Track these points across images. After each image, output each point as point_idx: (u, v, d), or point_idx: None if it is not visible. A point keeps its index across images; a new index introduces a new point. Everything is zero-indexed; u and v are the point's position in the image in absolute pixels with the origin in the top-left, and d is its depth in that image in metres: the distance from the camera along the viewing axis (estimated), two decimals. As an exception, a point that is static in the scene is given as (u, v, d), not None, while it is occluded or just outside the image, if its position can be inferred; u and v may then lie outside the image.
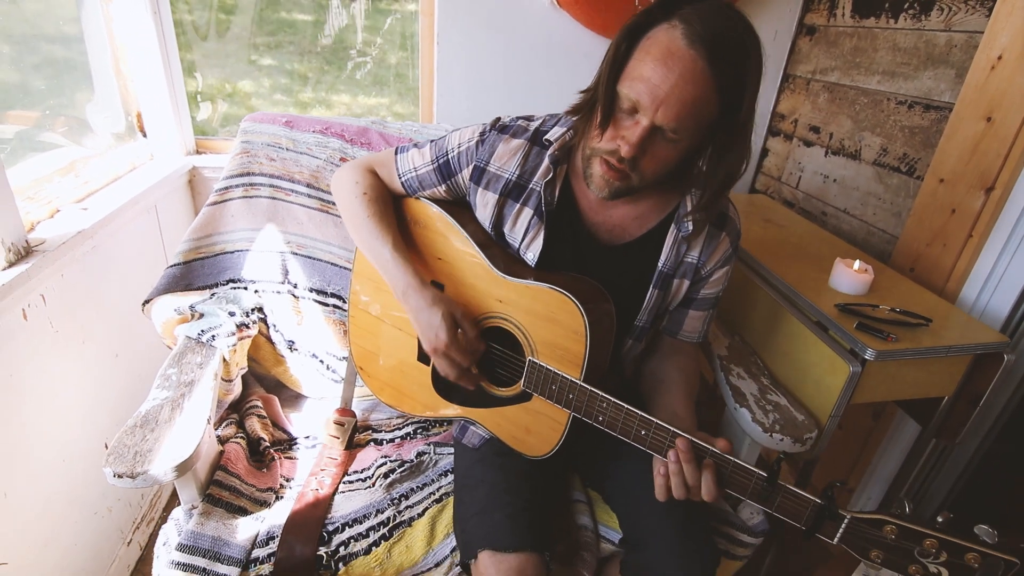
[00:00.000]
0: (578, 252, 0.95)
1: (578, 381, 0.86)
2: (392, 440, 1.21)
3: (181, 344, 1.10)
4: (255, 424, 1.17)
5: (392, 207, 1.04)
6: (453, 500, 1.02)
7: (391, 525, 0.99)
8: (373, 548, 0.95)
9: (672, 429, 0.79)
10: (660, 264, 0.93)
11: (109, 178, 1.43)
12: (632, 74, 0.75)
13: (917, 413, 1.26)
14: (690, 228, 0.90)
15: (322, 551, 0.94)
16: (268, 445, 1.14)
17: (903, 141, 1.44)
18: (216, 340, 1.11)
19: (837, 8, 1.65)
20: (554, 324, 0.89)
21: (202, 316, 1.15)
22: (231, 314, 1.18)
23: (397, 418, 1.28)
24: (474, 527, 0.89)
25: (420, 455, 1.15)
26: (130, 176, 1.50)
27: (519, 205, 0.95)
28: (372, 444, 1.20)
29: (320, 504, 1.02)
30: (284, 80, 1.82)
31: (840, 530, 0.71)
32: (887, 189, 1.49)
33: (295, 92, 1.84)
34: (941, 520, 0.67)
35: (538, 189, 0.93)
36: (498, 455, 1.00)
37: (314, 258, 1.28)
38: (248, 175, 1.30)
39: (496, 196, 0.96)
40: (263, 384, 1.33)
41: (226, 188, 1.29)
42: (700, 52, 0.70)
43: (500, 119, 0.97)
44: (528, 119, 0.96)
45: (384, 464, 1.12)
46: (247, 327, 1.19)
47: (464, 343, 0.91)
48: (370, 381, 1.15)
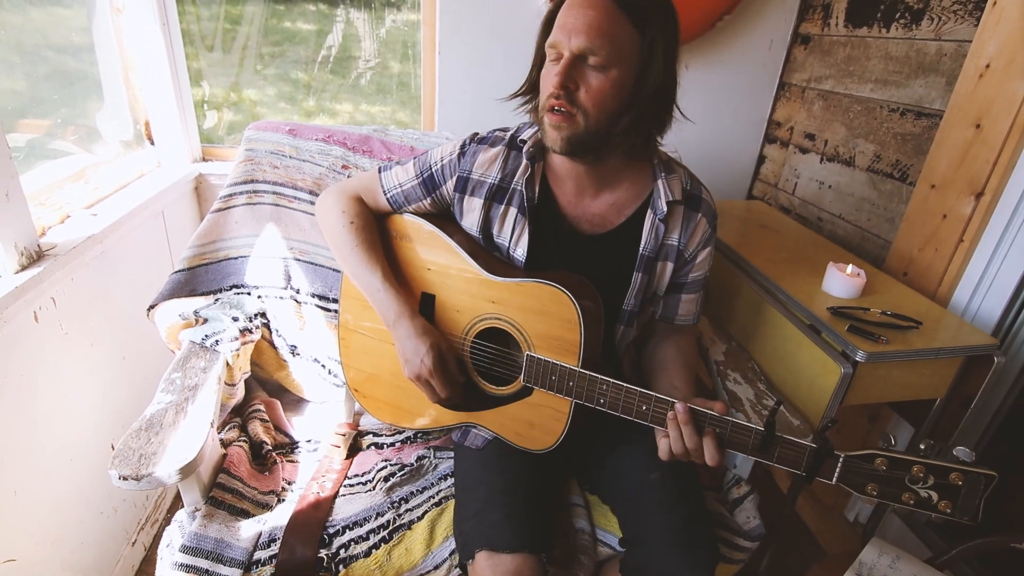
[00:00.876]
0: (562, 244, 0.99)
1: (577, 368, 0.89)
2: (393, 444, 1.22)
3: (185, 349, 1.12)
4: (258, 428, 1.18)
5: (378, 235, 1.06)
6: (453, 502, 1.03)
7: (391, 528, 1.00)
8: (373, 551, 0.97)
9: (670, 399, 0.82)
10: (642, 248, 0.97)
11: (118, 185, 1.47)
12: (554, 28, 0.83)
13: (910, 415, 1.28)
14: (664, 209, 0.95)
15: (323, 553, 0.95)
16: (270, 449, 1.16)
17: (896, 148, 1.46)
18: (220, 345, 1.13)
19: (831, 18, 1.68)
20: (547, 316, 0.92)
21: (206, 321, 1.17)
22: (234, 319, 1.19)
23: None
24: (472, 528, 0.91)
25: (420, 459, 1.16)
26: (138, 183, 1.53)
27: (504, 206, 0.99)
28: (373, 448, 1.21)
29: (321, 507, 1.03)
30: (288, 89, 1.85)
31: (837, 470, 0.76)
32: (881, 195, 1.51)
33: (299, 100, 1.88)
34: (924, 447, 0.73)
35: (520, 188, 0.98)
36: (498, 457, 1.02)
37: (316, 264, 1.31)
38: (252, 182, 1.32)
39: (481, 201, 1.00)
40: (266, 388, 1.35)
41: (230, 195, 1.32)
42: None
43: (477, 133, 1.03)
44: (504, 130, 1.02)
45: (384, 468, 1.13)
46: (250, 332, 1.21)
47: (448, 374, 0.96)
48: (367, 402, 1.16)
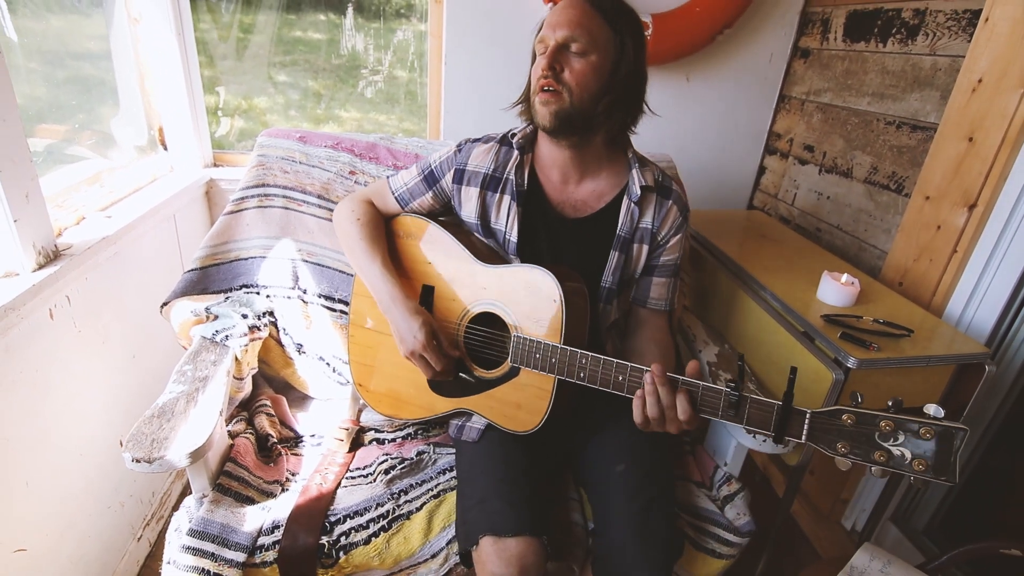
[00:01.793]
0: (550, 227, 1.09)
1: (558, 344, 0.94)
2: (394, 440, 1.25)
3: (196, 343, 1.16)
4: (264, 422, 1.22)
5: (383, 231, 1.17)
6: (455, 495, 1.06)
7: (390, 518, 1.03)
8: (372, 539, 1.00)
9: (644, 368, 0.87)
10: (618, 229, 1.07)
11: (132, 188, 1.51)
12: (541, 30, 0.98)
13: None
14: (638, 193, 1.06)
15: (324, 540, 0.98)
16: (276, 441, 1.19)
17: (892, 160, 1.49)
18: (229, 340, 1.17)
19: (829, 32, 1.72)
20: (533, 296, 1.00)
21: (217, 318, 1.21)
22: (244, 316, 1.23)
23: (399, 420, 1.33)
24: (475, 516, 0.94)
25: (420, 454, 1.19)
26: (151, 187, 1.58)
27: (498, 195, 1.10)
28: (375, 443, 1.24)
29: (323, 497, 1.06)
30: (298, 96, 1.90)
31: (804, 427, 0.77)
32: (877, 206, 1.53)
33: (309, 108, 1.93)
34: (891, 404, 0.73)
35: (511, 177, 1.09)
36: (497, 448, 1.06)
37: (323, 265, 1.35)
38: (263, 186, 1.37)
39: (477, 189, 1.11)
40: (272, 385, 1.38)
41: (242, 198, 1.36)
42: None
43: (471, 137, 1.17)
44: (496, 133, 1.16)
45: (385, 461, 1.16)
46: (258, 329, 1.25)
47: (438, 348, 1.03)
48: (368, 395, 1.21)
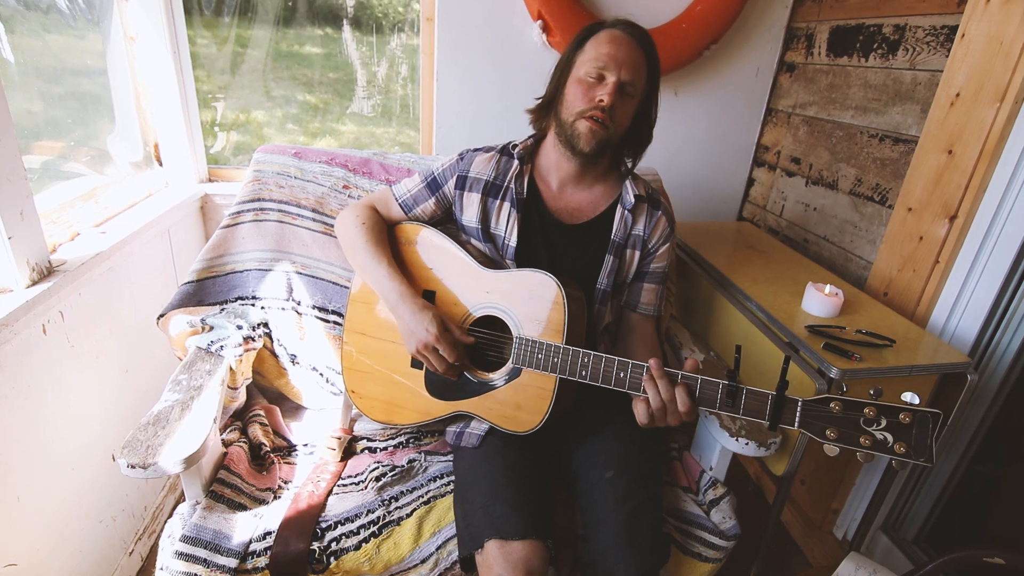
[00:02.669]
0: (547, 232, 1.15)
1: (561, 344, 0.97)
2: (386, 448, 1.26)
3: (192, 353, 1.17)
4: (257, 431, 1.23)
5: (387, 235, 1.20)
6: (456, 499, 1.07)
7: (381, 524, 1.04)
8: (363, 544, 1.01)
9: (642, 364, 0.92)
10: (613, 235, 1.13)
11: (126, 204, 1.53)
12: (593, 55, 1.03)
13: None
14: (631, 202, 1.13)
15: (315, 546, 0.99)
16: (269, 450, 1.20)
17: (875, 172, 1.51)
18: (224, 350, 1.18)
19: (814, 47, 1.75)
20: (535, 299, 1.04)
21: (212, 329, 1.23)
22: (239, 327, 1.25)
23: (391, 428, 1.34)
24: (479, 519, 0.95)
25: (411, 462, 1.20)
26: (146, 202, 1.59)
27: (498, 201, 1.16)
28: (367, 452, 1.25)
29: (315, 504, 1.07)
30: (295, 110, 1.93)
31: (797, 415, 0.82)
32: (862, 217, 1.55)
33: (305, 122, 1.95)
34: (873, 392, 0.79)
35: (511, 185, 1.15)
36: (496, 453, 1.07)
37: (317, 277, 1.36)
38: (259, 200, 1.39)
39: (479, 195, 1.16)
40: (266, 396, 1.40)
41: (238, 212, 1.38)
42: (635, 38, 1.04)
43: (471, 147, 1.22)
44: (495, 144, 1.21)
45: (376, 469, 1.17)
46: (253, 340, 1.27)
47: (451, 339, 1.06)
48: (361, 401, 1.21)
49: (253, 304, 1.34)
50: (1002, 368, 1.26)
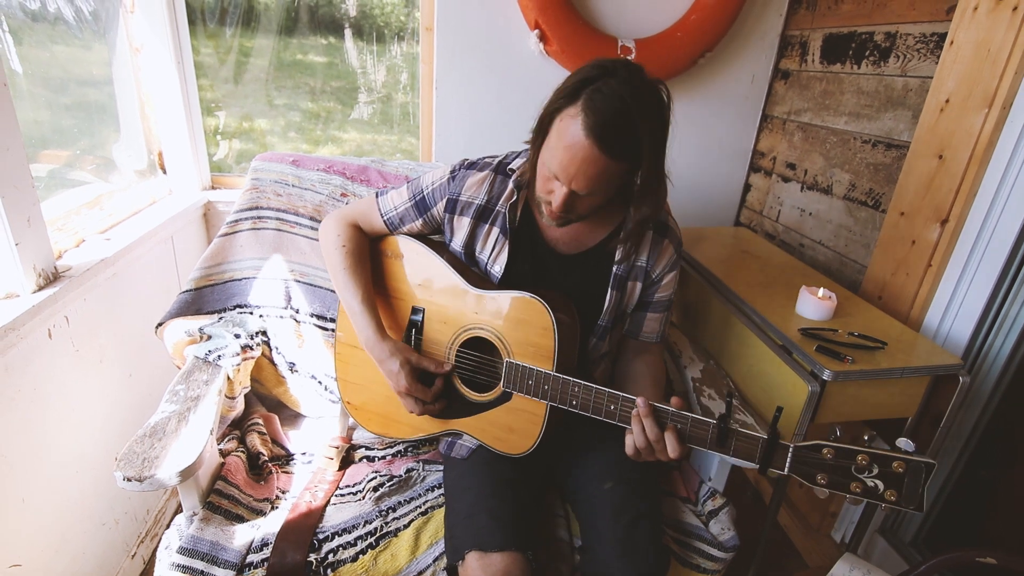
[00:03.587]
0: (540, 263, 1.08)
1: (551, 372, 0.96)
2: (384, 458, 1.27)
3: (189, 363, 1.18)
4: (255, 440, 1.24)
5: (368, 259, 1.15)
6: (440, 512, 1.08)
7: (378, 535, 1.05)
8: (360, 556, 1.01)
9: (633, 398, 0.89)
10: (615, 268, 1.05)
11: (131, 211, 1.56)
12: (551, 147, 0.90)
13: (887, 435, 1.31)
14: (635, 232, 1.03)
15: (312, 557, 0.99)
16: (266, 460, 1.21)
17: (869, 177, 1.53)
18: (222, 360, 1.19)
19: (808, 55, 1.77)
20: (525, 325, 1.00)
21: (210, 338, 1.24)
22: (237, 336, 1.26)
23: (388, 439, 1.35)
24: (462, 531, 0.96)
25: (409, 471, 1.21)
26: (150, 209, 1.62)
27: (488, 226, 1.09)
28: (365, 461, 1.26)
29: (312, 514, 1.08)
30: (297, 118, 1.96)
31: (788, 460, 0.81)
32: (857, 222, 1.57)
33: (307, 130, 1.98)
34: (867, 438, 0.78)
35: (503, 211, 1.07)
36: (485, 464, 1.07)
37: (315, 285, 1.38)
38: (257, 209, 1.41)
39: (469, 219, 1.09)
40: (264, 403, 1.41)
41: (236, 221, 1.40)
42: (593, 140, 0.84)
43: (467, 159, 1.12)
44: (492, 157, 1.11)
45: (374, 479, 1.18)
46: (251, 349, 1.28)
47: (420, 388, 1.05)
48: (357, 414, 1.22)
49: (251, 312, 1.35)
50: (995, 370, 1.27)
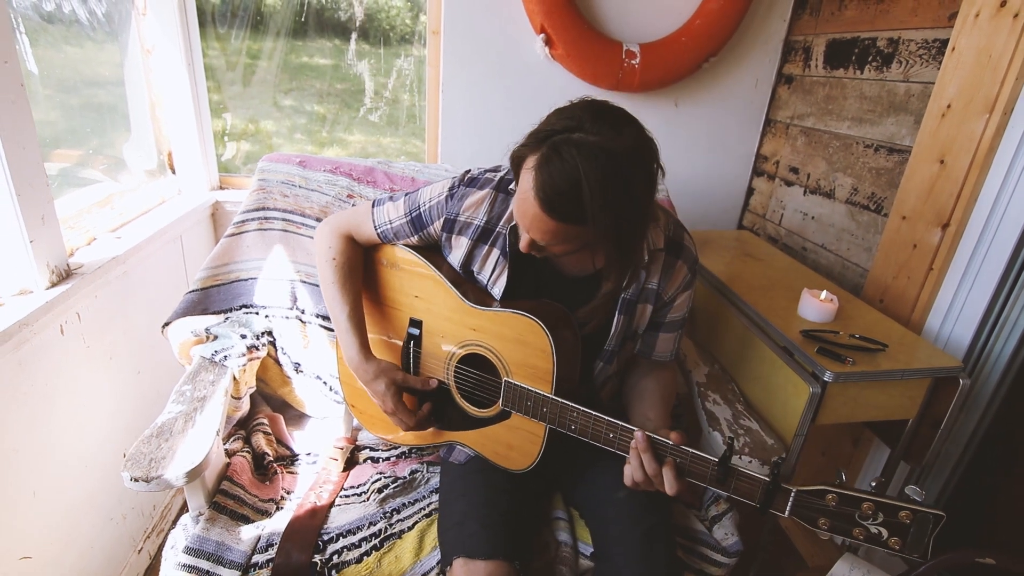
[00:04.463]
0: (542, 285, 1.03)
1: (550, 395, 0.94)
2: (388, 459, 1.27)
3: (196, 363, 1.19)
4: (260, 440, 1.25)
5: (359, 274, 1.13)
6: (437, 514, 1.08)
7: (382, 536, 1.05)
8: (364, 557, 1.01)
9: (632, 428, 0.87)
10: (624, 292, 1.00)
11: (141, 210, 1.58)
12: (517, 190, 0.86)
13: (887, 437, 1.32)
14: (645, 258, 0.98)
15: (317, 559, 1.00)
16: (272, 460, 1.22)
17: (871, 181, 1.54)
18: (228, 360, 1.21)
19: (811, 60, 1.78)
20: (523, 345, 0.97)
21: (216, 338, 1.25)
22: (243, 336, 1.28)
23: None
24: (451, 537, 0.96)
25: (413, 473, 1.21)
26: (159, 209, 1.64)
27: (487, 247, 1.04)
28: (369, 462, 1.27)
29: (317, 515, 1.09)
30: (304, 120, 1.98)
31: (789, 504, 0.79)
32: (859, 226, 1.58)
33: (314, 132, 2.00)
34: (874, 485, 0.75)
35: (504, 232, 1.02)
36: (480, 471, 1.07)
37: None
38: (263, 209, 1.42)
39: (468, 240, 1.05)
40: (270, 404, 1.42)
41: (243, 221, 1.41)
42: (540, 203, 0.80)
43: (469, 171, 1.07)
44: (495, 170, 1.06)
45: (379, 480, 1.19)
46: (257, 349, 1.29)
47: (405, 410, 1.06)
48: (362, 416, 1.22)
49: (257, 313, 1.35)
50: (996, 373, 1.28)
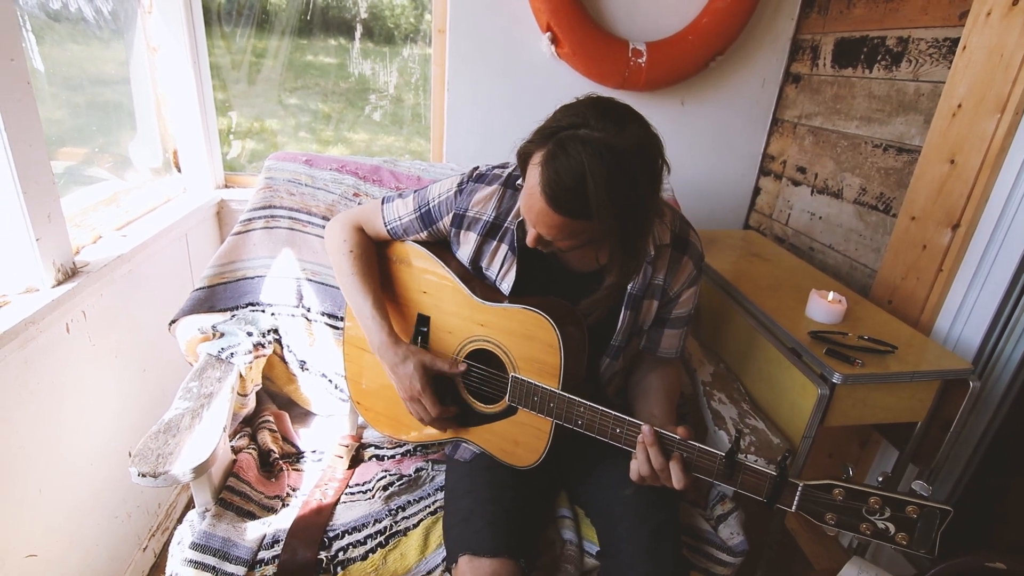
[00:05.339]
0: (551, 280, 1.04)
1: (557, 390, 0.94)
2: (393, 457, 1.27)
3: (202, 360, 1.20)
4: (266, 437, 1.25)
5: (376, 264, 1.14)
6: (443, 512, 1.08)
7: (388, 534, 1.05)
8: (370, 555, 1.02)
9: (639, 423, 0.87)
10: (630, 287, 1.00)
11: (146, 209, 1.58)
12: (524, 186, 0.86)
13: (895, 439, 1.31)
14: (652, 253, 0.99)
15: (322, 555, 1.00)
16: (277, 457, 1.22)
17: (879, 181, 1.53)
18: (234, 357, 1.21)
19: (819, 58, 1.77)
20: (531, 340, 0.98)
21: (222, 335, 1.25)
22: (249, 334, 1.28)
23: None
24: (457, 534, 0.96)
25: (418, 471, 1.21)
26: (165, 207, 1.64)
27: (495, 242, 1.05)
28: (374, 460, 1.27)
29: (323, 512, 1.09)
30: (308, 119, 1.98)
31: (796, 498, 0.79)
32: (867, 226, 1.57)
33: (318, 130, 2.00)
34: (881, 479, 0.75)
35: (512, 228, 1.03)
36: (486, 468, 1.07)
37: (327, 284, 1.39)
38: (270, 208, 1.42)
39: (476, 236, 1.05)
40: (275, 401, 1.42)
41: (249, 219, 1.41)
42: (546, 198, 0.81)
43: (477, 168, 1.08)
44: (503, 166, 1.07)
45: (384, 478, 1.19)
46: (263, 347, 1.29)
47: (432, 396, 1.02)
48: (368, 414, 1.23)
49: (263, 310, 1.36)
50: (1006, 376, 1.27)
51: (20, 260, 1.06)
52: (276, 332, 1.36)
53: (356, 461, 1.25)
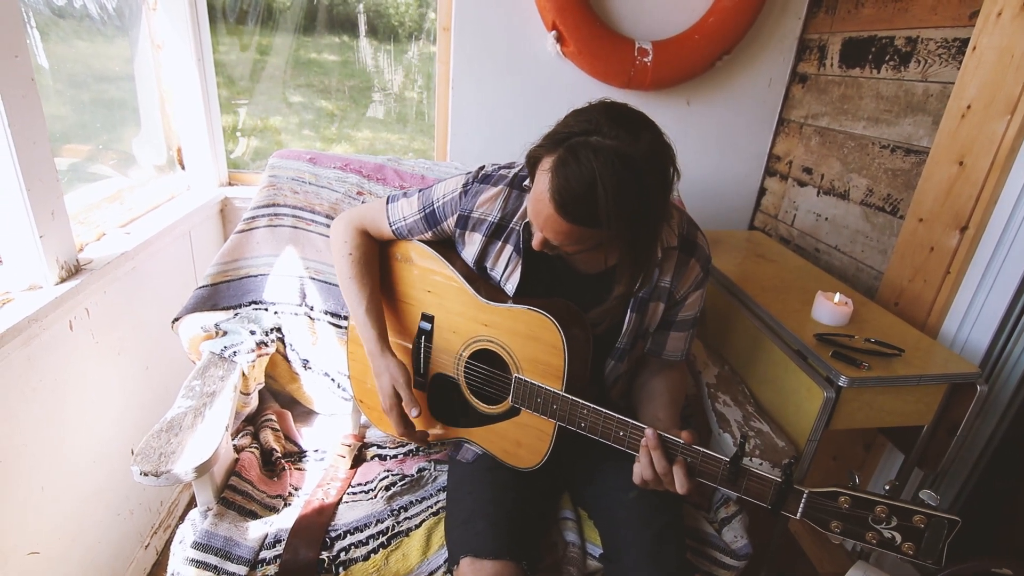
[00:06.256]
0: (556, 282, 1.03)
1: (560, 392, 0.94)
2: (395, 456, 1.27)
3: (205, 359, 1.20)
4: (269, 436, 1.25)
5: (376, 267, 1.14)
6: (445, 512, 1.08)
7: (390, 534, 1.05)
8: (372, 555, 1.01)
9: (643, 426, 0.86)
10: (635, 290, 0.99)
11: (150, 206, 1.58)
12: (532, 190, 0.86)
13: (901, 442, 1.30)
14: (659, 255, 0.97)
15: (324, 555, 1.00)
16: (280, 456, 1.22)
17: (887, 182, 1.51)
18: (237, 356, 1.21)
19: (826, 58, 1.76)
20: (535, 341, 0.97)
21: (225, 334, 1.25)
22: (252, 333, 1.28)
23: (401, 436, 1.35)
24: (458, 536, 0.96)
25: (421, 471, 1.21)
26: (169, 204, 1.64)
27: (500, 243, 1.05)
28: (376, 459, 1.26)
29: (325, 512, 1.09)
30: (312, 117, 1.97)
31: (801, 505, 0.78)
32: (873, 228, 1.56)
33: (322, 128, 2.00)
34: (888, 488, 0.74)
35: (517, 228, 1.02)
36: (488, 469, 1.07)
37: (330, 283, 1.39)
38: (273, 206, 1.42)
39: (481, 236, 1.05)
40: (278, 400, 1.42)
41: (253, 217, 1.41)
42: (555, 205, 0.80)
43: (483, 168, 1.07)
44: (509, 167, 1.06)
45: (386, 478, 1.18)
46: (266, 345, 1.29)
47: (399, 414, 1.06)
48: (371, 413, 1.22)
49: (266, 309, 1.36)
50: (1013, 379, 1.26)
51: (23, 257, 1.06)
52: (279, 331, 1.36)
53: (358, 461, 1.25)
